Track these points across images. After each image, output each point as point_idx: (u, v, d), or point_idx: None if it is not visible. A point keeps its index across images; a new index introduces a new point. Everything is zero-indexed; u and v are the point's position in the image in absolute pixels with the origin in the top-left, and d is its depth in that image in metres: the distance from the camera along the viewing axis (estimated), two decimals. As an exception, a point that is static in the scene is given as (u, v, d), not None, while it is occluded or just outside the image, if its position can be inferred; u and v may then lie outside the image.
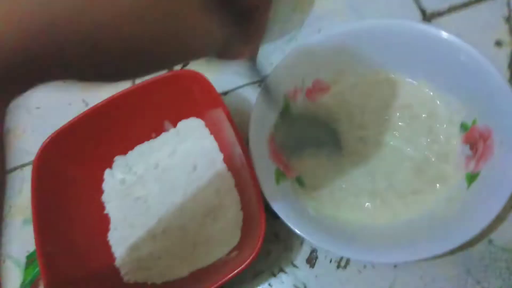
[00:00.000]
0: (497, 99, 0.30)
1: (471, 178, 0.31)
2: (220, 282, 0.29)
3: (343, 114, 0.37)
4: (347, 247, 0.29)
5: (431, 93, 0.35)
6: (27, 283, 0.39)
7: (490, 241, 0.31)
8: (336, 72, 0.37)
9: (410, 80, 0.36)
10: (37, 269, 0.39)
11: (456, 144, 0.34)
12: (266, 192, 0.30)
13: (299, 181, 0.34)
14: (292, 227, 0.29)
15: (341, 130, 0.36)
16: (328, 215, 0.33)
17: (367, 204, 0.33)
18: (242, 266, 0.29)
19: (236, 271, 0.29)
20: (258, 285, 0.34)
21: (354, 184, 0.34)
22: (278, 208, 0.30)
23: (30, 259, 0.40)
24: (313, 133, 0.36)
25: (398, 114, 0.36)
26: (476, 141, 0.32)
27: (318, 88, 0.37)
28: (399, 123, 0.35)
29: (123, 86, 0.37)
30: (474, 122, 0.33)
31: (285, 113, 0.35)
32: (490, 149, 0.31)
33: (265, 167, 0.32)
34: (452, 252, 0.31)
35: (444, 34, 0.32)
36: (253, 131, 0.32)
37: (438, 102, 0.35)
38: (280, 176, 0.33)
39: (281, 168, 0.33)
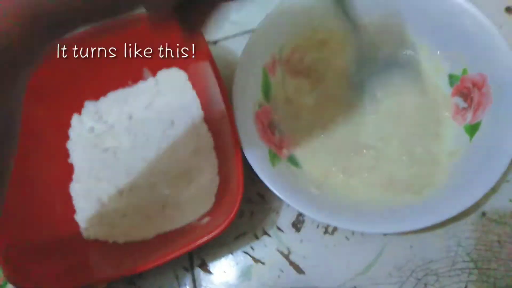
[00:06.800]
0: (489, 45, 0.29)
1: (472, 129, 0.30)
2: (185, 249, 0.27)
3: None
4: (352, 220, 0.28)
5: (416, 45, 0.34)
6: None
7: (484, 214, 0.30)
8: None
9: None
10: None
11: (447, 97, 0.33)
12: (263, 175, 0.28)
13: (293, 162, 0.32)
14: (296, 207, 0.28)
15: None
16: (327, 191, 0.31)
17: (366, 176, 0.31)
18: (212, 234, 0.27)
19: (205, 239, 0.27)
20: (240, 247, 0.32)
21: (347, 157, 0.32)
22: (279, 190, 0.28)
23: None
24: None
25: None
26: (469, 91, 0.31)
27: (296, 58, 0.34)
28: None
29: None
30: (464, 72, 0.31)
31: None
32: (487, 97, 0.30)
33: (257, 149, 0.30)
34: (444, 223, 0.30)
35: None
36: (239, 114, 0.30)
37: (422, 55, 0.34)
38: (274, 158, 0.31)
39: (273, 149, 0.31)
